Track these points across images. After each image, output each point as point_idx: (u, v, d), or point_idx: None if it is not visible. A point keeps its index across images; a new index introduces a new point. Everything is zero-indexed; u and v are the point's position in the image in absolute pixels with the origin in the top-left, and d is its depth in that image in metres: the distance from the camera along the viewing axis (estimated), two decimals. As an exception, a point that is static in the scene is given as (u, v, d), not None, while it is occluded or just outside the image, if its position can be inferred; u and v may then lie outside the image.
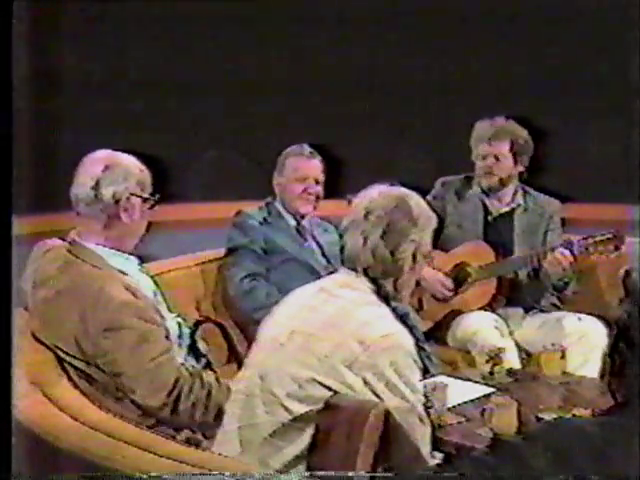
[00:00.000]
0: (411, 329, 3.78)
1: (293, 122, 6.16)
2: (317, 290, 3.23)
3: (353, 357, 3.01)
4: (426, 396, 3.33)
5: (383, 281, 3.20)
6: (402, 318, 3.69)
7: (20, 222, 3.77)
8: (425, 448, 3.09)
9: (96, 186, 3.53)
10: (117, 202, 3.55)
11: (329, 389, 3.02)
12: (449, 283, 4.98)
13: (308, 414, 3.03)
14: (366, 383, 3.01)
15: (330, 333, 3.05)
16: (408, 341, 3.08)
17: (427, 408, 3.20)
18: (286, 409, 3.06)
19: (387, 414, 2.97)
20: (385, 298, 3.19)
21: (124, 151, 3.69)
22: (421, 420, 3.09)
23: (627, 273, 2.57)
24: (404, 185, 3.31)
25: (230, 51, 6.27)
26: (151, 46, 6.25)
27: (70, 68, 5.99)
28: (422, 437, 3.08)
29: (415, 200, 3.27)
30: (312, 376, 3.03)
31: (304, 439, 3.05)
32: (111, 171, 3.56)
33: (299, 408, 3.04)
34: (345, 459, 2.90)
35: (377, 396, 3.01)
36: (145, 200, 3.64)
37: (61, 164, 5.57)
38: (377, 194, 3.22)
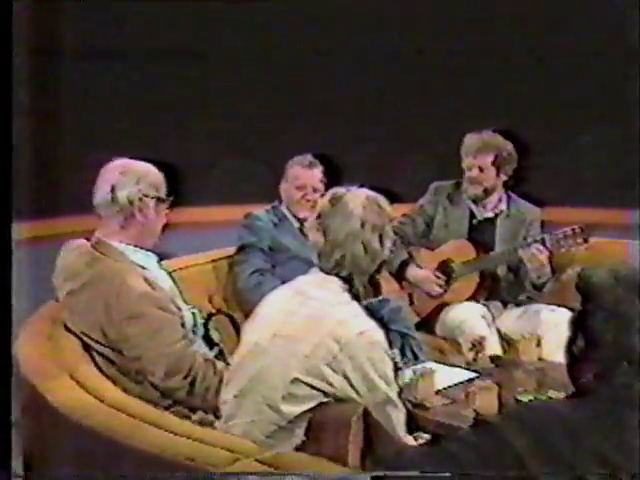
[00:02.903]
0: (403, 321, 3.79)
1: (301, 133, 6.12)
2: (293, 293, 3.19)
3: (331, 355, 3.00)
4: (413, 381, 3.34)
5: (354, 279, 3.16)
6: (395, 311, 3.70)
7: (20, 227, 3.79)
8: (402, 431, 3.09)
9: (112, 191, 3.57)
10: (131, 203, 3.58)
11: (312, 387, 3.01)
12: (441, 281, 4.97)
13: (297, 416, 3.03)
14: (345, 378, 3.00)
15: (309, 334, 3.03)
16: (381, 336, 3.07)
17: (402, 395, 3.20)
18: (275, 410, 3.04)
19: (366, 413, 3.00)
20: (356, 296, 3.15)
21: (144, 159, 3.72)
22: (395, 407, 3.09)
23: (580, 276, 2.56)
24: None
25: (248, 61, 6.18)
26: (158, 51, 6.10)
27: (71, 74, 5.84)
28: (398, 422, 3.09)
29: (382, 198, 3.24)
30: (296, 376, 3.01)
31: (295, 440, 3.03)
32: (125, 176, 3.60)
33: (288, 409, 3.03)
34: (334, 455, 2.90)
35: (355, 391, 3.01)
36: (158, 200, 3.67)
37: (60, 171, 5.58)
38: (362, 202, 3.17)
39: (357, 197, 3.18)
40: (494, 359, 4.00)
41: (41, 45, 5.51)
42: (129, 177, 3.60)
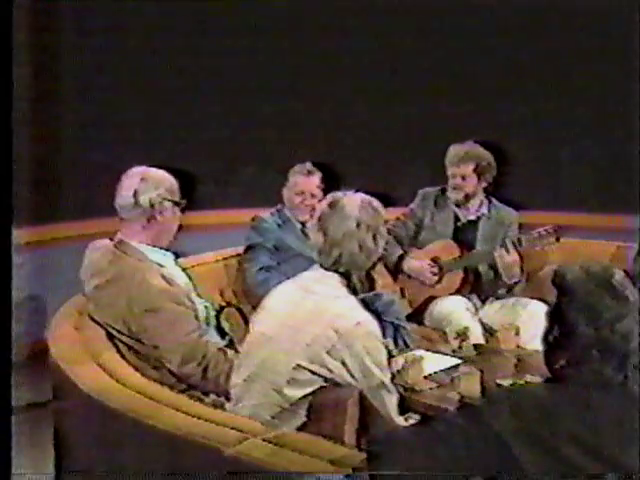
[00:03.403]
0: (396, 313, 3.78)
1: (303, 141, 6.09)
2: (296, 288, 3.20)
3: (331, 344, 3.00)
4: (404, 367, 3.33)
5: (351, 275, 3.17)
6: (388, 304, 3.68)
7: (19, 233, 3.78)
8: (394, 413, 3.09)
9: (135, 195, 3.59)
10: (152, 206, 3.61)
11: (313, 373, 3.01)
12: (435, 269, 4.97)
13: (299, 399, 3.02)
14: (343, 364, 3.00)
15: (310, 325, 3.03)
16: (375, 327, 3.07)
17: (395, 380, 3.19)
18: (281, 394, 3.04)
19: (361, 396, 3.01)
20: (353, 290, 3.16)
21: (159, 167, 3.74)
22: (389, 391, 3.09)
23: (556, 273, 2.55)
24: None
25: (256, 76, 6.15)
26: (167, 56, 6.04)
27: (71, 81, 5.77)
28: (390, 404, 3.09)
29: (376, 201, 3.24)
30: (298, 363, 3.01)
31: (297, 420, 3.03)
32: (146, 182, 3.63)
33: (291, 392, 3.03)
34: (333, 434, 2.90)
35: (352, 376, 3.01)
36: (175, 204, 3.69)
37: (59, 178, 5.55)
38: (357, 204, 3.17)
39: (353, 200, 3.18)
40: (477, 347, 4.00)
41: (41, 50, 5.48)
42: (149, 183, 3.63)
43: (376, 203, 3.22)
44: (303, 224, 4.87)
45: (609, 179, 6.24)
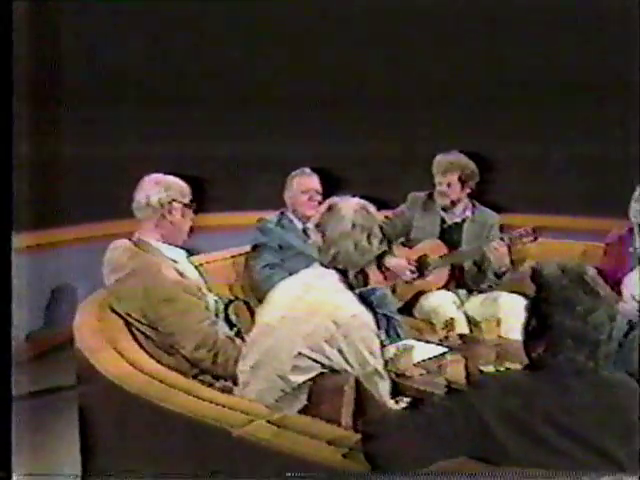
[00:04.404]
0: (388, 306, 3.77)
1: (301, 149, 6.04)
2: (298, 283, 3.19)
3: (330, 334, 2.98)
4: (396, 355, 3.31)
5: (348, 272, 3.17)
6: (382, 298, 3.67)
7: (19, 237, 3.74)
8: (386, 397, 3.08)
9: (147, 197, 3.66)
10: (162, 206, 3.65)
11: (313, 360, 3.00)
12: (413, 267, 4.96)
13: (300, 384, 3.01)
14: (341, 353, 2.98)
15: (311, 317, 3.01)
16: (370, 318, 3.06)
17: (387, 366, 3.18)
18: (284, 379, 3.02)
19: (357, 382, 3.00)
20: (350, 285, 3.16)
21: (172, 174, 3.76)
22: (381, 377, 3.07)
23: (534, 270, 2.55)
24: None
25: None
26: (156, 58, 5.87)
27: (71, 84, 5.58)
28: (383, 389, 3.08)
29: (370, 205, 3.24)
30: (300, 351, 3.00)
31: (299, 404, 3.01)
32: (157, 185, 3.69)
33: (294, 378, 3.01)
34: (331, 417, 2.88)
35: (349, 363, 3.00)
36: (185, 206, 3.72)
37: (59, 183, 5.48)
38: (353, 208, 3.18)
39: (349, 204, 3.19)
40: (462, 337, 3.99)
41: (41, 51, 5.39)
42: (160, 186, 3.69)
43: (370, 206, 3.23)
44: (305, 225, 4.86)
45: (583, 184, 6.22)
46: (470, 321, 4.69)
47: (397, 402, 3.09)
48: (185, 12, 5.84)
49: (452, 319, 4.11)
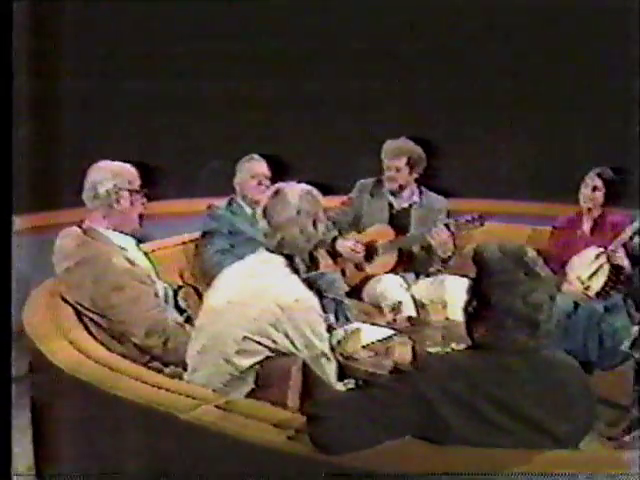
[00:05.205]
0: (337, 290, 3.78)
1: (253, 135, 6.02)
2: (244, 268, 3.18)
3: (275, 318, 2.98)
4: (344, 338, 3.32)
5: (295, 257, 3.16)
6: (331, 282, 3.68)
7: (20, 220, 3.70)
8: (333, 379, 3.09)
9: (94, 186, 3.60)
10: (109, 195, 3.60)
11: (260, 344, 3.00)
12: (358, 248, 4.98)
13: (248, 368, 3.00)
14: (287, 336, 2.99)
15: (256, 301, 3.01)
16: (315, 302, 3.06)
17: (335, 349, 3.20)
18: (231, 363, 3.02)
19: (304, 364, 3.01)
20: (296, 270, 3.15)
21: (126, 160, 3.71)
22: (328, 359, 3.09)
23: (476, 251, 2.56)
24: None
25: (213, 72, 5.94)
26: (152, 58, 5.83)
27: (70, 76, 5.57)
28: (330, 371, 3.09)
29: (316, 191, 3.23)
30: (246, 335, 2.99)
31: (246, 387, 3.01)
32: (104, 174, 3.62)
33: (240, 362, 3.01)
34: (278, 399, 2.90)
35: (295, 346, 3.00)
36: (134, 192, 3.66)
37: (58, 168, 5.43)
38: (298, 193, 3.17)
39: (294, 190, 3.19)
40: (409, 319, 4.01)
41: (41, 51, 5.36)
42: (107, 174, 3.62)
43: (315, 192, 3.23)
44: (253, 210, 4.85)
45: (533, 170, 6.27)
46: (417, 304, 4.72)
47: (344, 384, 3.10)
48: (185, 12, 5.86)
49: (399, 302, 4.13)
